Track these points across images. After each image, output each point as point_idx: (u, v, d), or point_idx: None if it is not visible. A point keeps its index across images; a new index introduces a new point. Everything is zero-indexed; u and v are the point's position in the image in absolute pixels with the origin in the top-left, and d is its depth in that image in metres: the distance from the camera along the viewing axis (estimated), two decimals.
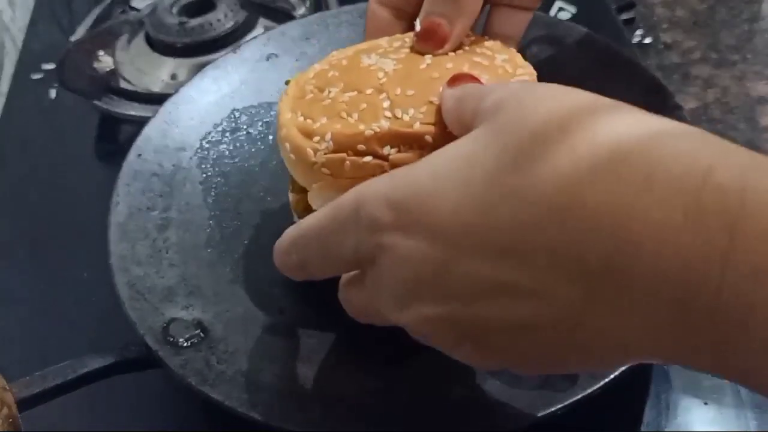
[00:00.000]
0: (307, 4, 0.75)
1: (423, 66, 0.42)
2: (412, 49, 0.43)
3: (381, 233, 0.30)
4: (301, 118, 0.41)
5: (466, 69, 0.41)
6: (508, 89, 0.31)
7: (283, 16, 0.72)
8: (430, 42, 0.43)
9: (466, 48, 0.43)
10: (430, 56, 0.42)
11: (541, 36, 0.55)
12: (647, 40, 0.98)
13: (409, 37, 0.44)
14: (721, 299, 0.24)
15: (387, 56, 0.43)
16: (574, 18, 0.73)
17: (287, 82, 0.45)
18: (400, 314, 0.31)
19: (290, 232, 0.36)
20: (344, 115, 0.40)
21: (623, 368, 0.39)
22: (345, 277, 0.35)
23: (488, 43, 0.44)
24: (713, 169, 0.25)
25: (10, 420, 0.37)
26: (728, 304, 0.24)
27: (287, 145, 0.41)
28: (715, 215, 0.24)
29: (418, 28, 0.43)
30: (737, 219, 0.24)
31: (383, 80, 0.41)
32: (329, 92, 0.42)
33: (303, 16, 0.72)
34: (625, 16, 0.81)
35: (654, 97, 0.48)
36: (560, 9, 0.74)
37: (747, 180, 0.24)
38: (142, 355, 0.42)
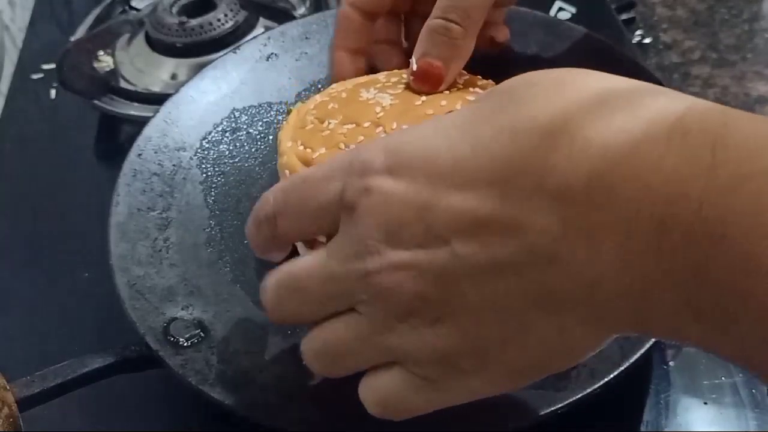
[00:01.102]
0: (307, 4, 0.75)
1: (418, 102, 0.44)
2: (408, 86, 0.45)
3: (370, 176, 0.30)
4: (301, 147, 0.43)
5: (459, 107, 0.42)
6: None
7: (283, 16, 0.72)
8: (426, 83, 0.45)
9: (460, 86, 0.45)
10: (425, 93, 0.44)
11: (541, 36, 0.55)
12: (647, 40, 0.97)
13: (405, 74, 0.46)
14: (700, 215, 0.25)
15: (385, 91, 0.45)
16: (574, 18, 0.72)
17: (289, 112, 0.47)
18: (367, 261, 0.30)
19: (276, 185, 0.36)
20: (342, 146, 0.42)
21: (622, 368, 0.39)
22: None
23: (481, 83, 0.46)
24: (695, 102, 0.27)
25: (11, 420, 0.37)
26: (707, 218, 0.25)
27: (287, 172, 0.43)
28: (697, 134, 0.26)
29: (414, 67, 0.45)
30: (719, 137, 0.25)
31: (380, 114, 0.43)
32: (329, 123, 0.44)
33: (303, 16, 0.73)
34: (625, 16, 0.81)
35: None
36: (560, 9, 0.74)
37: (727, 110, 0.26)
38: (142, 355, 0.42)
